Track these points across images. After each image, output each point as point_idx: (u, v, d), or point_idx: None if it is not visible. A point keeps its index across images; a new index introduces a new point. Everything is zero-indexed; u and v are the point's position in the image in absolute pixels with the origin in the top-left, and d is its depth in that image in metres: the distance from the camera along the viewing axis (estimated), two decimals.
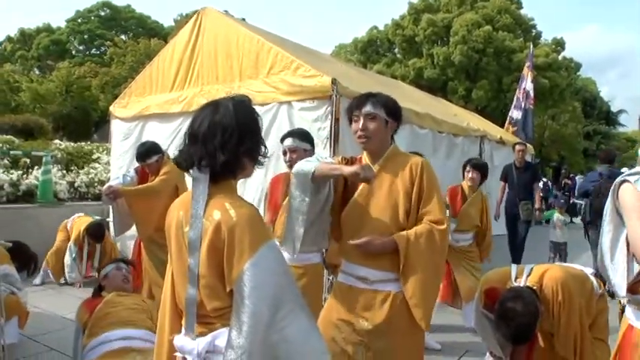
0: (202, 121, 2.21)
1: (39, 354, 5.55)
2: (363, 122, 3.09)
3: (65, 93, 31.41)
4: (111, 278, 4.63)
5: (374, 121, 3.09)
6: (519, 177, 9.48)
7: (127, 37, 42.05)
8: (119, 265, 4.74)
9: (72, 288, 8.24)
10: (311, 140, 4.55)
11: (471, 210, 6.33)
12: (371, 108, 3.09)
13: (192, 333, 2.21)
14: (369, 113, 3.09)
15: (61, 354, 5.46)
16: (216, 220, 2.11)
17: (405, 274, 3.01)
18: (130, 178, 6.26)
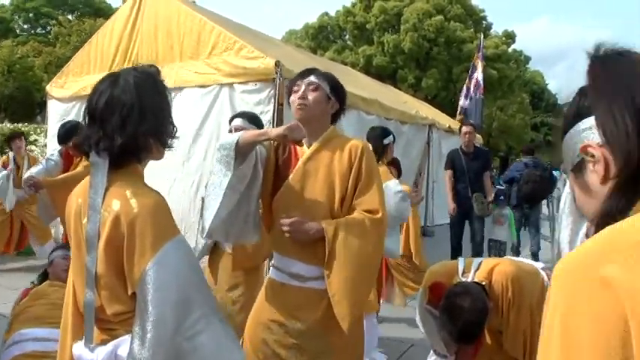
0: (100, 96, 1.92)
1: None
2: (303, 90, 2.80)
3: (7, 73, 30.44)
4: (55, 265, 4.32)
5: (315, 92, 2.81)
6: (469, 164, 8.33)
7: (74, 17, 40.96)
8: (66, 254, 4.31)
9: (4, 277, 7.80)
10: (260, 124, 4.29)
11: None
12: (314, 78, 2.83)
13: (90, 341, 1.93)
14: (311, 82, 2.82)
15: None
16: (115, 211, 1.82)
17: (329, 266, 2.67)
18: (54, 162, 5.98)
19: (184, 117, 7.33)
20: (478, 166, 8.31)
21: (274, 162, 2.93)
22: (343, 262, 2.66)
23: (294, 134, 2.65)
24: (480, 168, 8.33)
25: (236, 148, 2.65)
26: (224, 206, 2.71)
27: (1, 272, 8.01)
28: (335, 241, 2.65)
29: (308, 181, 2.80)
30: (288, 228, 2.65)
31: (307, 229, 2.67)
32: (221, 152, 2.71)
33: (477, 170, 8.28)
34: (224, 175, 2.70)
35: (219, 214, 2.70)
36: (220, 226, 2.76)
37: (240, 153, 2.67)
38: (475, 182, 8.21)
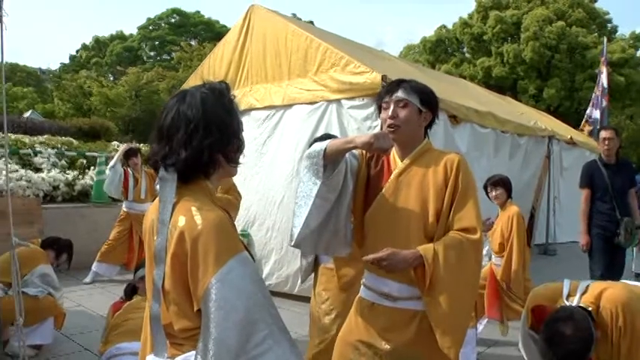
0: (167, 113, 1.94)
1: (72, 353, 5.52)
2: (393, 109, 2.70)
3: (134, 97, 32.06)
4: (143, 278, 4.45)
5: (405, 109, 2.71)
6: (612, 179, 6.65)
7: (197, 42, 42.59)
8: None
9: (120, 287, 8.16)
10: None
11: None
12: (403, 94, 2.71)
13: (159, 354, 1.91)
14: (400, 99, 2.71)
15: (93, 354, 5.37)
16: (180, 227, 1.81)
17: (430, 293, 2.55)
18: None
19: (293, 134, 7.39)
20: (623, 182, 6.71)
21: (366, 174, 2.85)
22: (444, 289, 2.54)
23: (381, 143, 2.53)
24: (626, 183, 6.74)
25: (324, 156, 2.59)
26: (313, 215, 2.65)
27: (118, 283, 8.39)
28: (434, 266, 2.52)
29: (401, 196, 2.70)
30: (385, 263, 2.52)
31: (405, 259, 2.53)
32: (309, 160, 2.65)
33: (622, 186, 6.68)
34: (313, 183, 2.64)
35: (307, 223, 2.65)
36: (309, 236, 2.70)
37: (328, 161, 2.61)
38: (621, 202, 6.62)
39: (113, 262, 8.71)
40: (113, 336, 3.79)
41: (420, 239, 2.63)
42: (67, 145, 12.04)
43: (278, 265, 7.54)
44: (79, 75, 39.69)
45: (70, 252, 6.06)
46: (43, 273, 5.50)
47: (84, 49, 53.42)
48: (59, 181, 10.23)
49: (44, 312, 5.40)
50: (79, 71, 43.77)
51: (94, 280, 8.51)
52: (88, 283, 8.36)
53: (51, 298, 5.51)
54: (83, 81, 36.57)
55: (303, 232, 2.67)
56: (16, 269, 3.98)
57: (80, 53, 53.54)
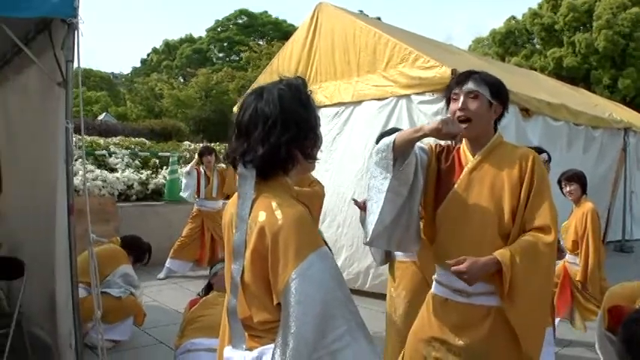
0: (246, 110, 1.96)
1: (147, 346, 5.71)
2: (463, 100, 2.65)
3: (204, 98, 32.67)
4: (219, 277, 4.52)
5: (476, 100, 2.65)
6: None
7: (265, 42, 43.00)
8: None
9: (193, 283, 8.42)
10: None
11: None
12: (473, 85, 2.65)
13: (237, 346, 1.96)
14: (470, 91, 2.65)
15: (168, 348, 5.53)
16: (261, 222, 1.83)
17: (510, 298, 2.51)
18: None
19: (362, 130, 7.39)
20: None
21: (436, 169, 2.81)
22: (523, 292, 2.51)
23: (449, 127, 2.50)
24: None
25: (393, 148, 2.58)
26: (386, 211, 2.64)
27: (191, 279, 8.68)
28: (512, 271, 2.48)
29: (474, 192, 2.66)
30: (466, 276, 2.49)
31: (484, 268, 2.49)
32: (379, 155, 2.64)
33: None
34: (384, 177, 2.63)
35: (381, 219, 2.64)
36: (383, 232, 2.69)
37: (398, 153, 2.60)
38: None
39: (186, 258, 8.91)
40: (189, 330, 3.87)
41: (495, 237, 2.60)
42: (140, 145, 12.40)
43: (349, 261, 7.55)
44: (150, 78, 40.71)
45: (149, 256, 6.27)
46: (124, 273, 5.68)
47: (154, 53, 54.65)
48: (133, 181, 10.57)
49: (126, 311, 5.59)
50: (150, 74, 44.86)
51: (168, 276, 8.74)
52: (161, 279, 8.60)
53: (132, 298, 5.68)
54: (154, 84, 37.48)
55: (378, 229, 2.66)
56: (94, 264, 4.09)
57: (151, 57, 54.80)
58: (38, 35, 4.38)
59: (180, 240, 8.87)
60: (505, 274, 2.47)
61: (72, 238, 3.98)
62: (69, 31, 3.86)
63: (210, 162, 8.92)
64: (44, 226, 4.63)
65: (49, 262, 4.55)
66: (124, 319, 5.57)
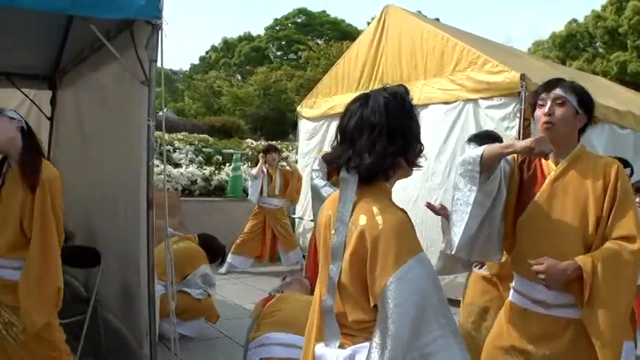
0: (350, 117, 2.02)
1: (213, 339, 5.84)
2: (550, 106, 2.65)
3: (263, 96, 32.99)
4: (287, 283, 4.62)
5: (562, 107, 2.64)
6: None
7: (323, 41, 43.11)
8: (303, 281, 4.71)
9: (254, 279, 8.62)
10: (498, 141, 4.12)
11: None
12: (561, 92, 2.65)
13: (331, 343, 2.02)
14: (558, 97, 2.65)
15: (232, 341, 5.71)
16: (361, 226, 1.90)
17: (589, 308, 2.48)
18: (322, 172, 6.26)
19: (429, 133, 7.39)
20: None
21: (518, 179, 2.81)
22: (603, 301, 2.47)
23: (542, 147, 2.51)
24: None
25: (481, 162, 2.59)
26: (471, 223, 2.65)
27: (252, 275, 8.87)
28: (594, 279, 2.46)
29: (556, 202, 2.65)
30: (543, 276, 2.48)
31: (564, 272, 2.48)
32: (465, 167, 2.65)
33: None
34: (469, 190, 2.64)
35: (467, 231, 2.65)
36: (467, 243, 2.71)
37: (485, 167, 2.60)
38: None
39: (247, 254, 9.06)
40: (264, 325, 3.94)
41: (578, 248, 2.58)
42: (204, 142, 12.62)
43: None
44: (208, 75, 41.23)
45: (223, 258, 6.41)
46: (204, 273, 5.79)
47: (213, 51, 55.22)
48: (197, 176, 10.81)
49: (202, 312, 5.75)
50: (208, 72, 45.43)
51: (229, 271, 8.89)
52: (223, 274, 8.70)
53: (210, 300, 5.81)
54: (213, 81, 37.94)
55: (463, 240, 2.68)
56: (170, 256, 4.20)
57: (209, 54, 55.38)
58: (119, 34, 4.51)
59: (242, 236, 9.02)
60: (586, 281, 2.45)
61: (150, 232, 4.11)
62: (153, 31, 3.98)
63: (274, 160, 9.05)
64: (121, 219, 4.79)
65: (124, 253, 4.70)
66: (198, 318, 5.72)
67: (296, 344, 3.63)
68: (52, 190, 3.42)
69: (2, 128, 3.45)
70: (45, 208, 3.38)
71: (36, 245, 3.38)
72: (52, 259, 3.43)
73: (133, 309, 4.56)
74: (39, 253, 3.38)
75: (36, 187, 3.38)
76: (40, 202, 3.38)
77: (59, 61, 7.35)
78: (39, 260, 3.37)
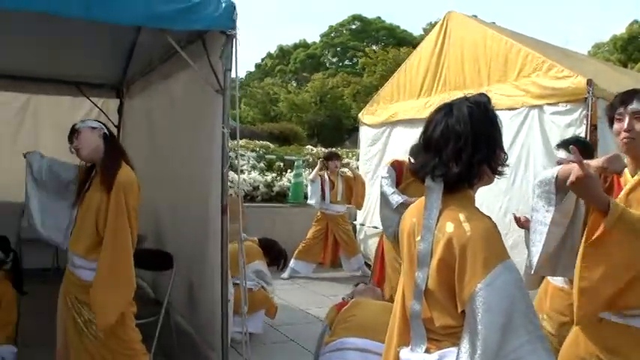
0: (435, 126, 2.07)
1: (280, 343, 5.96)
2: (628, 121, 2.58)
3: (319, 102, 33.17)
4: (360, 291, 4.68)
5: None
6: None
7: (379, 47, 43.09)
8: (376, 290, 4.77)
9: (316, 284, 8.70)
10: (589, 149, 4.01)
11: None
12: (638, 106, 2.59)
13: (417, 348, 2.07)
14: (636, 111, 2.58)
15: (298, 345, 5.82)
16: (448, 233, 1.94)
17: None
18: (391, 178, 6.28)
19: None
20: None
21: None
22: None
23: (614, 166, 2.54)
24: None
25: (556, 183, 2.55)
26: (550, 243, 2.60)
27: (314, 280, 8.95)
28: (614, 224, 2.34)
29: None
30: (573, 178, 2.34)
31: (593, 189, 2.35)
32: (541, 188, 2.63)
33: None
34: (546, 211, 2.60)
35: (545, 251, 2.62)
36: (547, 262, 2.68)
37: (560, 187, 2.54)
38: None
39: (310, 260, 9.17)
40: (340, 329, 3.98)
41: None
42: (265, 148, 12.77)
43: None
44: (265, 82, 41.65)
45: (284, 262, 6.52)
46: (257, 269, 5.92)
47: (269, 58, 55.77)
48: (259, 182, 10.96)
49: (257, 304, 5.80)
50: (264, 79, 45.87)
51: (291, 276, 8.99)
52: (285, 279, 8.82)
53: (264, 291, 5.94)
54: (269, 88, 38.30)
55: (541, 260, 2.65)
56: (243, 261, 4.31)
57: (265, 61, 55.93)
58: (189, 44, 4.63)
59: (305, 242, 9.14)
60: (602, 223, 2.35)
61: (224, 237, 4.22)
62: (227, 41, 4.10)
63: (336, 167, 9.12)
64: (192, 223, 4.91)
65: (193, 257, 4.83)
66: (255, 312, 5.80)
67: (370, 349, 3.70)
68: (127, 193, 3.52)
69: (87, 139, 3.62)
70: (119, 210, 3.48)
71: (108, 246, 3.48)
72: (124, 261, 3.53)
73: (203, 311, 4.68)
74: (110, 254, 3.48)
75: (111, 189, 3.49)
76: (115, 203, 3.48)
77: (126, 71, 7.59)
78: (110, 261, 3.48)
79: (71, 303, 3.65)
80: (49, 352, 4.12)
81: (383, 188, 6.21)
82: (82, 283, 3.60)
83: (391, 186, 6.13)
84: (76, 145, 3.65)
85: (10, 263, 4.74)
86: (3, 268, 4.70)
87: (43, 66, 7.26)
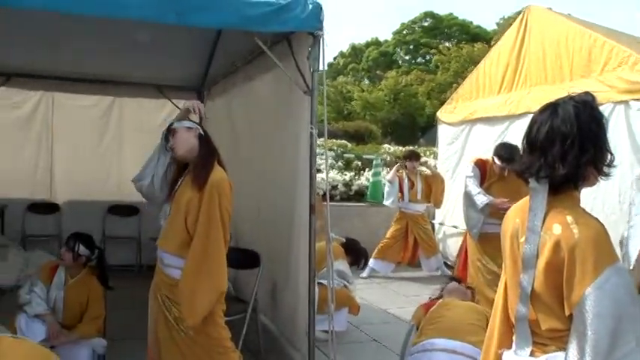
0: (540, 127, 2.04)
1: (363, 342, 5.99)
2: None
3: (393, 100, 33.04)
4: (450, 290, 4.67)
5: None
6: None
7: (451, 44, 42.61)
8: (467, 292, 4.72)
9: (396, 284, 8.71)
10: None
11: None
12: None
13: (521, 351, 2.05)
14: None
15: (380, 345, 5.85)
16: (556, 235, 1.91)
17: None
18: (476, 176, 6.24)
19: None
20: None
21: None
22: None
23: None
24: None
25: None
26: None
27: (393, 280, 8.95)
28: None
29: None
30: None
31: None
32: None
33: None
34: None
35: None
36: None
37: None
38: None
39: (389, 259, 9.15)
40: (428, 330, 3.99)
41: None
42: (343, 147, 12.81)
43: None
44: (338, 81, 41.74)
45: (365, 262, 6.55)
46: (338, 269, 5.96)
47: (341, 56, 55.80)
48: (337, 182, 11.00)
49: (339, 302, 5.86)
50: (336, 77, 45.97)
51: (370, 276, 9.01)
52: (364, 278, 8.84)
53: (346, 290, 5.99)
54: (342, 86, 38.35)
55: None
56: (331, 261, 4.35)
57: (337, 60, 56.00)
58: (274, 45, 4.71)
59: (384, 241, 9.13)
60: None
61: (312, 236, 4.29)
62: (314, 42, 4.16)
63: (414, 167, 9.08)
64: (279, 222, 4.99)
65: (278, 255, 4.90)
66: (339, 310, 5.86)
67: (458, 351, 3.70)
68: (220, 194, 3.54)
69: (183, 138, 3.69)
70: (211, 208, 3.51)
71: (198, 243, 3.52)
72: (216, 259, 3.55)
73: (288, 309, 4.74)
74: (200, 252, 3.51)
75: (203, 188, 3.53)
76: (207, 202, 3.51)
77: (207, 73, 7.77)
78: (200, 258, 3.51)
79: (161, 299, 3.73)
80: (137, 345, 4.31)
81: (468, 188, 6.16)
82: (170, 281, 3.67)
83: (476, 185, 6.09)
84: (172, 144, 3.71)
85: (95, 260, 4.93)
86: (89, 265, 4.89)
87: (127, 69, 7.60)
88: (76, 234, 4.85)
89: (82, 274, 4.85)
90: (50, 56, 6.95)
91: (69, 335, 4.61)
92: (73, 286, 4.82)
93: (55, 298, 4.81)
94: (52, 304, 4.76)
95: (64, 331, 4.62)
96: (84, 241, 4.82)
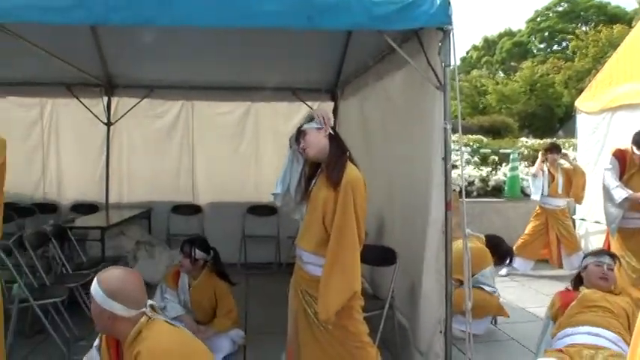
0: None
1: (501, 341, 5.89)
2: None
3: (529, 92, 32.00)
4: (589, 272, 4.44)
5: None
6: None
7: (588, 28, 40.72)
8: (600, 261, 4.41)
9: (536, 282, 8.44)
10: None
11: None
12: None
13: None
14: None
15: (519, 344, 5.72)
16: None
17: None
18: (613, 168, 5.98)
19: None
20: None
21: None
22: None
23: None
24: None
25: None
26: None
27: (533, 278, 8.68)
28: None
29: None
30: None
31: None
32: None
33: None
34: None
35: None
36: None
37: None
38: None
39: (528, 256, 8.87)
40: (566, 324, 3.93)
41: None
42: (478, 142, 12.61)
43: None
44: (471, 75, 40.99)
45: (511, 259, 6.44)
46: (489, 275, 5.88)
47: (474, 50, 54.75)
48: (474, 177, 10.83)
49: (493, 309, 5.90)
50: (469, 71, 45.17)
51: (509, 273, 8.79)
52: (503, 276, 8.63)
53: (494, 297, 5.90)
54: (477, 80, 37.64)
55: None
56: (468, 257, 4.27)
57: (470, 54, 54.98)
58: (404, 43, 4.69)
59: (524, 238, 8.88)
60: None
61: (448, 233, 4.25)
62: (444, 37, 4.12)
63: (555, 160, 8.74)
64: (414, 219, 4.97)
65: (414, 253, 4.87)
66: (485, 316, 5.82)
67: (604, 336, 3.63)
68: (355, 191, 3.57)
69: (313, 139, 3.75)
70: (346, 206, 3.55)
71: (333, 243, 3.56)
72: (349, 257, 3.57)
73: (423, 307, 4.71)
74: (335, 251, 3.55)
75: (338, 186, 3.58)
76: (343, 201, 3.55)
77: (339, 74, 7.87)
78: (334, 256, 3.55)
79: (302, 295, 3.84)
80: (276, 339, 4.49)
81: (606, 181, 5.90)
82: (310, 277, 3.76)
83: (614, 179, 5.80)
84: (303, 146, 3.77)
85: (211, 260, 5.21)
86: (207, 265, 5.14)
87: (262, 76, 7.88)
88: (189, 240, 5.19)
89: (203, 275, 5.21)
90: (189, 67, 7.34)
91: (206, 331, 4.97)
92: (196, 287, 5.18)
93: (183, 301, 5.21)
94: (183, 306, 5.15)
95: (201, 328, 4.98)
96: (199, 245, 5.12)
